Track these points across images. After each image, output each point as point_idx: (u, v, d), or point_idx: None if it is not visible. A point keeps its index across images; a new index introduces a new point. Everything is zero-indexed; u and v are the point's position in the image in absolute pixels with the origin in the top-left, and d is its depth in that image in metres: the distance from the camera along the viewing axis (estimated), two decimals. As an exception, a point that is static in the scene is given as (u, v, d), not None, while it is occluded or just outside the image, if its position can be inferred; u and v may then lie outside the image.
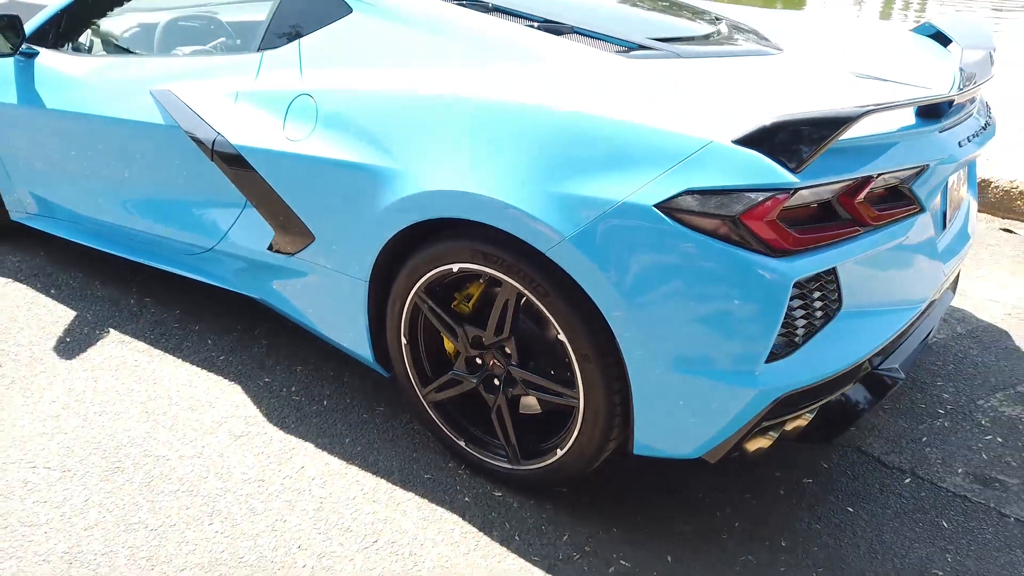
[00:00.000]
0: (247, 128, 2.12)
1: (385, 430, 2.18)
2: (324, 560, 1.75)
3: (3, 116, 2.80)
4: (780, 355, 1.55)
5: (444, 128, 1.77)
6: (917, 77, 1.98)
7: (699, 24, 2.32)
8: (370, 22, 2.10)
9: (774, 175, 1.45)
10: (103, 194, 2.66)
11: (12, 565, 1.71)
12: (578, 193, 1.57)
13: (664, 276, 1.53)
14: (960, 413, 2.28)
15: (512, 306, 1.78)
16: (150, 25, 2.92)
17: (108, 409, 2.23)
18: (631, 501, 1.93)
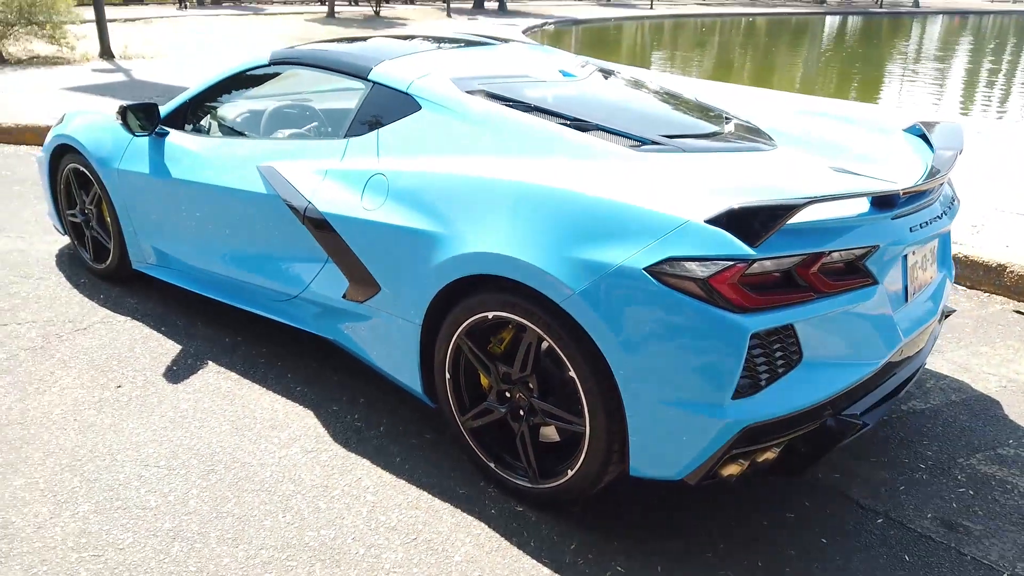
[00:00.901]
0: (332, 198, 2.62)
1: (430, 453, 2.58)
2: (372, 550, 2.15)
3: (136, 182, 3.41)
4: (745, 393, 1.91)
5: (482, 203, 2.23)
6: (888, 171, 2.35)
7: (708, 123, 2.75)
8: (432, 117, 2.61)
9: (736, 248, 1.84)
10: (210, 248, 3.21)
11: (129, 536, 2.17)
12: (586, 257, 1.99)
13: (651, 325, 1.92)
14: (939, 468, 2.54)
15: (534, 348, 2.18)
16: (258, 111, 3.53)
17: (205, 424, 2.70)
18: (631, 520, 2.27)
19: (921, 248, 2.31)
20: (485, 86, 2.70)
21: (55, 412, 2.75)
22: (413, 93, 2.69)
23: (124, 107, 3.25)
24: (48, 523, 2.21)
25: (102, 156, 3.53)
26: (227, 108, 3.48)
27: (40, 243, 4.37)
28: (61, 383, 2.94)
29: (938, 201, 2.36)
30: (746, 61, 21.35)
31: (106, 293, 3.73)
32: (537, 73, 2.95)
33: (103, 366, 3.07)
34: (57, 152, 3.84)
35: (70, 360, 3.11)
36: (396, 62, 2.86)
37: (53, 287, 3.78)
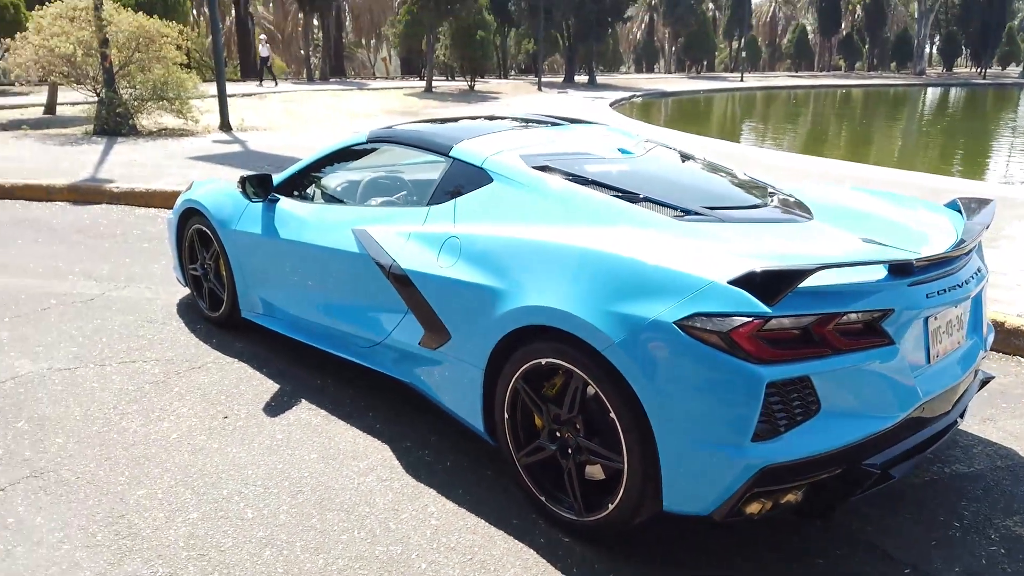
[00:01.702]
0: (413, 257, 3.01)
1: (489, 487, 2.87)
2: (433, 565, 2.44)
3: (249, 241, 3.92)
4: (765, 437, 2.13)
5: (538, 263, 2.57)
6: (916, 242, 2.57)
7: (751, 196, 3.03)
8: (502, 189, 2.98)
9: (754, 306, 2.10)
10: (308, 300, 3.65)
11: (229, 541, 2.53)
12: (625, 311, 2.28)
13: (679, 372, 2.19)
14: (974, 527, 2.65)
15: (580, 391, 2.47)
16: (355, 182, 4.01)
17: (296, 452, 3.08)
18: (667, 557, 2.49)
19: (945, 313, 2.49)
20: (549, 162, 3.06)
21: (172, 436, 3.19)
22: (487, 168, 3.08)
23: (243, 177, 3.79)
24: (164, 526, 2.60)
25: (222, 218, 4.08)
26: (329, 178, 3.98)
27: (165, 293, 4.96)
28: (178, 412, 3.39)
29: (962, 270, 2.54)
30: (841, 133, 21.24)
31: (218, 338, 4.24)
32: (597, 151, 3.31)
33: (213, 399, 3.52)
34: (185, 214, 4.43)
35: (186, 393, 3.57)
36: (474, 141, 3.27)
37: (174, 331, 4.32)
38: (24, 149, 10.31)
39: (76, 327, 4.34)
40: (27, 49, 11.14)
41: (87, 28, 11.23)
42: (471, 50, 31.02)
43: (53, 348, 4.04)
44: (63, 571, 2.37)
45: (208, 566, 2.41)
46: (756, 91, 42.06)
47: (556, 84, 39.47)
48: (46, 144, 10.81)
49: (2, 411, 3.36)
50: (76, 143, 10.92)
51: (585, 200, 2.80)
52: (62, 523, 2.60)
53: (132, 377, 3.72)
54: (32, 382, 3.64)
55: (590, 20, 39.39)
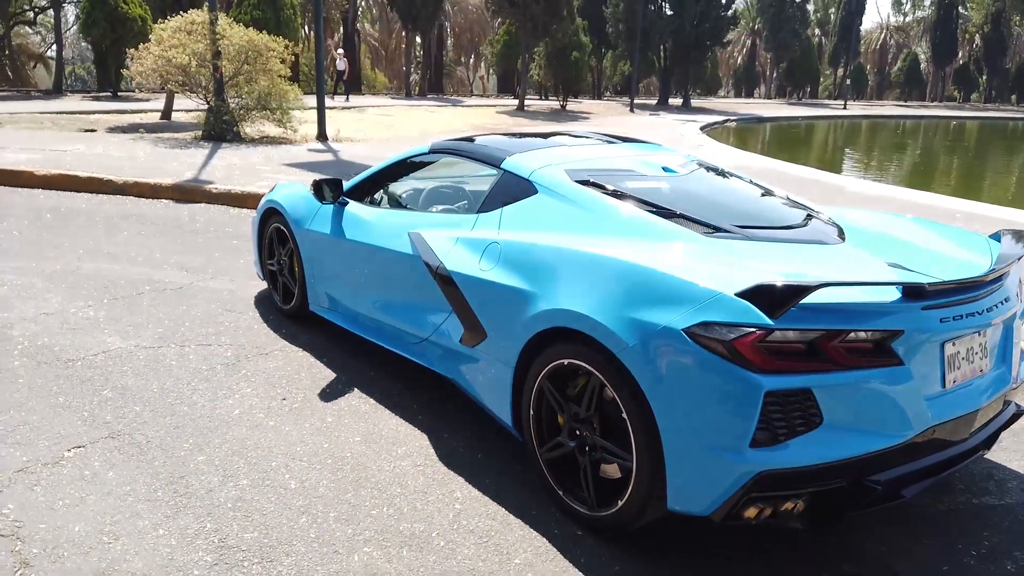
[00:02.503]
0: (458, 260, 3.23)
1: (514, 479, 3.03)
2: (451, 544, 2.62)
3: (318, 240, 4.24)
4: (763, 443, 2.23)
5: (567, 269, 2.73)
6: (944, 270, 2.61)
7: (787, 217, 3.11)
8: (545, 200, 3.17)
9: (757, 317, 2.21)
10: (367, 296, 3.92)
11: (271, 506, 2.79)
12: (640, 317, 2.42)
13: (685, 377, 2.31)
14: (991, 558, 2.64)
15: (597, 392, 2.61)
16: (416, 189, 4.28)
17: (342, 435, 3.33)
18: (675, 559, 2.59)
19: (965, 340, 2.51)
20: (592, 177, 3.23)
21: (235, 412, 3.50)
22: (533, 180, 3.27)
23: (316, 181, 4.10)
24: (216, 489, 2.88)
25: (297, 218, 4.42)
26: (393, 185, 4.25)
27: (246, 286, 5.36)
28: (242, 392, 3.71)
29: (986, 298, 2.55)
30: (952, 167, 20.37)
31: (287, 328, 4.57)
32: (641, 168, 3.45)
33: (275, 383, 3.82)
34: (266, 214, 4.80)
35: (252, 376, 3.89)
36: (524, 155, 3.47)
37: (249, 320, 4.68)
38: (138, 150, 11.18)
39: (164, 311, 4.76)
40: (148, 59, 12.10)
41: (202, 41, 12.10)
42: (565, 71, 31.38)
43: (141, 328, 4.46)
44: (125, 519, 2.67)
45: (250, 525, 2.67)
46: (859, 119, 40.77)
47: (649, 106, 39.39)
48: (157, 146, 11.69)
49: (91, 380, 3.75)
50: (184, 147, 11.76)
51: (619, 214, 2.96)
52: (130, 479, 2.92)
53: (207, 358, 4.08)
54: (120, 357, 4.04)
55: (687, 43, 39.19)
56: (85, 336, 4.30)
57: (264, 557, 2.51)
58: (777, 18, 54.44)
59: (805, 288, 2.18)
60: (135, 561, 2.46)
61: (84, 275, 5.46)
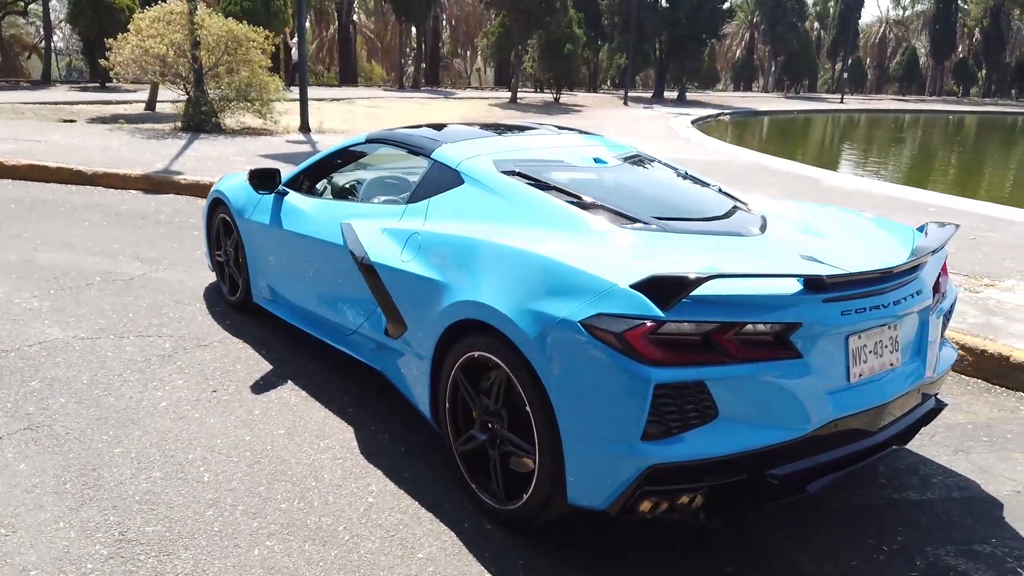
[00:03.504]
0: (382, 251, 3.19)
1: (434, 473, 3.00)
2: (356, 538, 2.59)
3: (258, 230, 4.20)
4: (655, 437, 2.19)
5: (477, 260, 2.70)
6: (860, 263, 2.56)
7: (711, 208, 3.08)
8: (470, 191, 3.13)
9: (649, 309, 2.17)
10: (303, 287, 3.88)
11: (180, 499, 2.76)
12: (541, 309, 2.39)
13: (580, 369, 2.28)
14: (902, 554, 2.61)
15: (504, 384, 2.58)
16: (351, 179, 4.22)
17: (267, 427, 3.30)
18: (581, 553, 2.56)
19: (872, 334, 2.47)
20: (519, 167, 3.19)
21: (161, 404, 3.47)
22: (460, 170, 3.23)
23: (252, 170, 4.06)
24: (127, 481, 2.86)
25: (239, 208, 4.38)
26: (331, 175, 4.21)
27: (198, 277, 5.32)
28: (173, 383, 3.68)
29: (894, 291, 2.51)
30: (939, 162, 20.27)
31: (232, 320, 4.53)
32: (572, 160, 3.41)
33: (209, 375, 3.79)
34: (212, 204, 4.77)
35: (186, 367, 3.86)
36: (455, 145, 3.43)
37: (194, 311, 4.65)
38: (114, 141, 11.13)
39: (110, 302, 4.72)
40: (126, 49, 12.02)
41: (180, 31, 12.03)
42: (559, 63, 31.27)
43: (83, 319, 4.42)
44: (28, 511, 2.64)
45: (154, 518, 2.64)
46: (855, 113, 40.63)
47: (644, 99, 39.27)
48: (134, 137, 11.63)
49: (21, 371, 3.72)
50: (162, 137, 11.70)
51: (539, 204, 2.92)
52: (40, 471, 2.89)
53: (143, 350, 4.04)
54: (55, 348, 4.01)
55: (683, 36, 39.04)
56: (24, 327, 4.27)
57: (162, 551, 2.48)
58: (775, 11, 54.24)
59: (696, 280, 2.14)
60: (29, 554, 2.43)
61: (36, 265, 5.43)
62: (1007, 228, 7.40)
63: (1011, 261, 6.03)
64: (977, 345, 4.10)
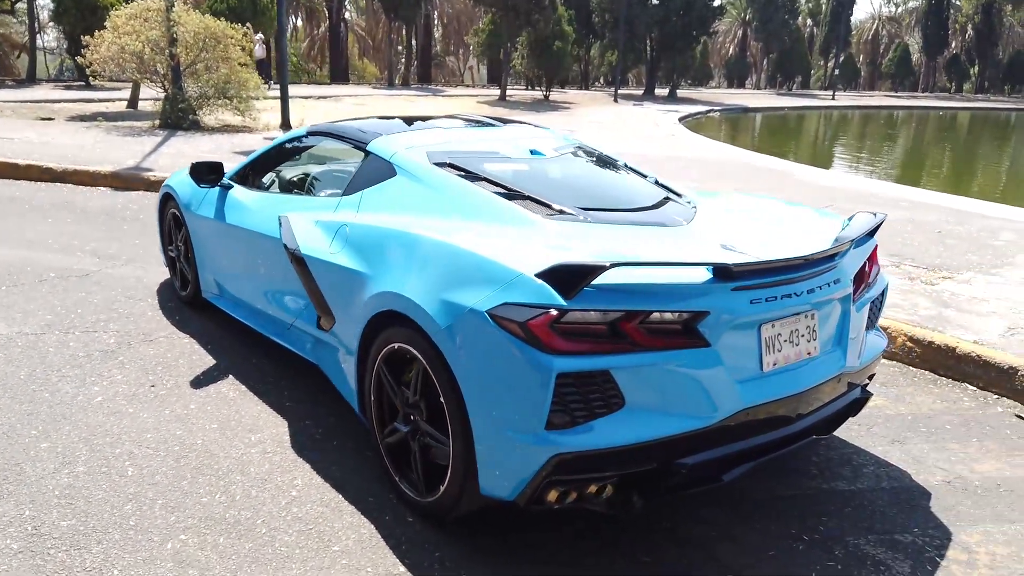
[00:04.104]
0: (313, 242, 3.17)
1: (363, 466, 2.98)
2: (273, 531, 2.57)
3: (204, 224, 4.17)
4: (559, 426, 2.18)
5: (396, 251, 2.68)
6: (778, 252, 2.55)
7: (640, 199, 3.06)
8: (402, 182, 3.11)
9: (552, 298, 2.16)
10: (246, 281, 3.86)
11: (100, 494, 2.73)
12: (452, 299, 2.37)
13: (488, 359, 2.26)
14: (821, 543, 2.60)
15: (422, 376, 2.56)
16: (292, 172, 4.18)
17: (200, 422, 3.28)
18: (499, 543, 2.55)
19: (787, 323, 2.46)
20: (452, 159, 3.17)
21: (96, 399, 3.44)
22: (393, 162, 3.21)
23: (194, 164, 4.04)
24: (49, 476, 2.83)
25: (187, 203, 4.36)
26: (274, 169, 4.18)
27: (155, 273, 5.29)
28: (112, 378, 3.65)
29: (808, 280, 2.49)
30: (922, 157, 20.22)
31: (182, 315, 4.51)
32: (508, 151, 3.39)
33: (150, 370, 3.77)
34: (163, 199, 4.74)
35: (128, 363, 3.84)
36: (390, 137, 3.41)
37: (145, 307, 4.62)
38: (89, 138, 11.07)
39: (61, 298, 4.69)
40: (103, 46, 11.96)
41: (157, 28, 11.97)
42: (548, 60, 31.20)
43: (31, 315, 4.39)
44: (-57, 505, 2.62)
45: (70, 513, 2.62)
46: (845, 110, 40.65)
47: (635, 97, 39.24)
48: (110, 135, 11.57)
49: (-41, 366, 3.70)
50: (138, 135, 11.64)
51: (466, 195, 2.91)
52: (-38, 465, 2.87)
53: (87, 345, 4.02)
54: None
55: (673, 33, 39.01)
56: (-31, 323, 4.25)
57: (73, 545, 2.46)
58: (767, 8, 54.29)
59: (598, 267, 2.12)
60: (-64, 549, 2.41)
61: (-8, 262, 5.40)
62: (974, 222, 7.40)
63: (973, 255, 6.02)
64: (925, 337, 4.09)
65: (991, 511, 2.81)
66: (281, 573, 2.38)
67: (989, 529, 2.70)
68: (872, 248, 2.94)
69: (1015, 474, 3.07)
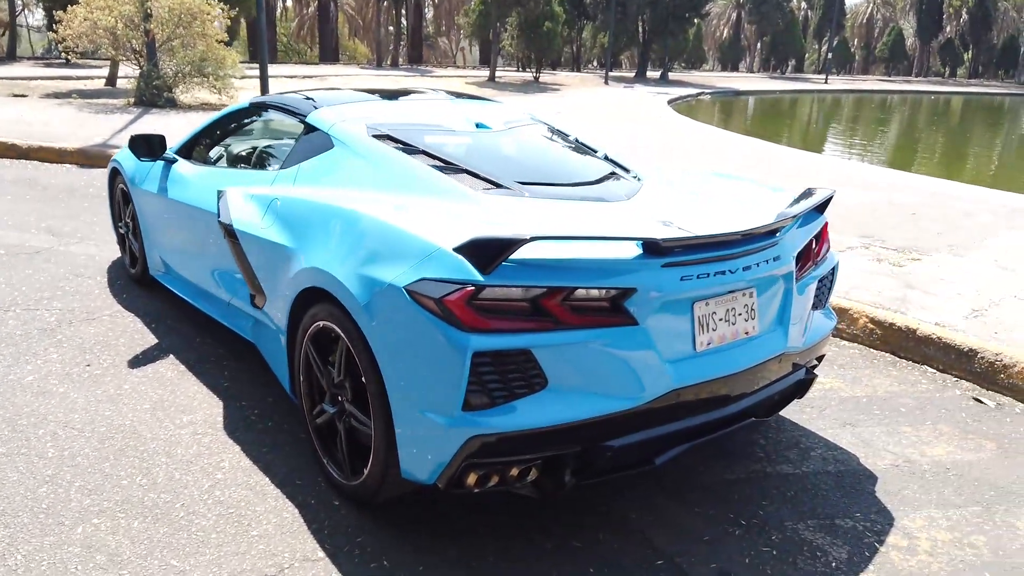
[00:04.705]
0: (245, 217, 3.05)
1: (295, 448, 2.89)
2: (191, 515, 2.48)
3: (148, 200, 4.05)
4: (477, 406, 2.08)
5: (320, 225, 2.57)
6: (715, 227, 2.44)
7: (583, 174, 2.96)
8: (339, 154, 2.99)
9: (468, 273, 2.05)
10: (188, 257, 3.74)
11: (16, 476, 2.63)
12: (372, 275, 2.27)
13: (405, 337, 2.16)
14: (759, 527, 2.52)
15: (346, 355, 2.46)
16: (235, 145, 4.04)
17: (132, 402, 3.17)
18: (417, 531, 2.46)
19: (722, 301, 2.37)
20: (392, 131, 3.05)
21: (28, 378, 3.33)
22: (331, 134, 3.09)
23: (134, 136, 3.90)
24: (-34, 457, 2.73)
25: (132, 177, 4.23)
26: (218, 142, 4.05)
27: (108, 251, 5.16)
28: (47, 357, 3.54)
29: (746, 256, 2.39)
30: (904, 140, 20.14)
31: (130, 293, 4.39)
32: (452, 124, 3.27)
33: (88, 349, 3.66)
34: (112, 174, 4.61)
35: (65, 341, 3.72)
36: (330, 108, 3.28)
37: (92, 285, 4.50)
38: (60, 115, 10.88)
39: (5, 276, 4.57)
40: (75, 22, 11.73)
41: (131, 3, 11.74)
42: (537, 41, 30.92)
43: (-28, 293, 4.27)
44: None
45: (-18, 496, 2.52)
46: (837, 94, 40.52)
47: (627, 79, 38.99)
48: (82, 112, 11.37)
49: None
50: (110, 112, 11.45)
51: (399, 168, 2.80)
52: None
53: (25, 323, 3.90)
54: (-67, 321, 3.87)
55: (665, 15, 38.74)
56: (-93, 300, 4.12)
57: (-22, 528, 2.36)
58: (760, -10, 53.88)
59: (516, 241, 2.02)
60: None
61: (-59, 239, 5.26)
62: (951, 204, 7.32)
63: (946, 236, 5.94)
64: (886, 319, 4.01)
65: (937, 495, 2.74)
66: (194, 559, 2.29)
67: (933, 514, 2.63)
68: (821, 226, 2.85)
69: (965, 458, 3.00)
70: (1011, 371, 3.54)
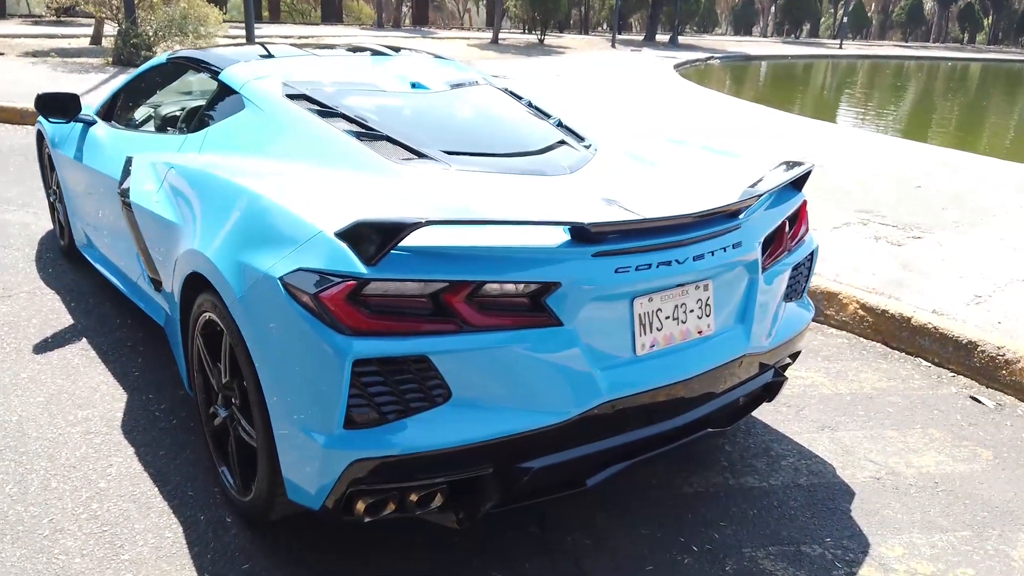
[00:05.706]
0: (141, 188, 2.69)
1: (195, 453, 2.55)
2: (57, 533, 2.15)
3: (68, 166, 3.68)
4: (363, 424, 1.73)
5: (212, 202, 2.21)
6: (666, 209, 2.07)
7: (525, 143, 2.58)
8: (250, 117, 2.61)
9: (350, 264, 1.69)
10: (102, 229, 3.38)
11: None
12: (249, 261, 1.90)
13: (281, 339, 1.80)
14: (712, 555, 2.18)
15: (229, 353, 2.11)
16: (149, 106, 3.62)
17: (26, 394, 2.84)
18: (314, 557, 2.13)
19: (669, 296, 2.00)
20: (311, 91, 2.66)
21: (-84, 365, 3.01)
22: (243, 93, 2.71)
23: (41, 95, 3.51)
24: None
25: (54, 140, 3.85)
26: (135, 103, 3.65)
27: (45, 219, 4.80)
28: (-56, 341, 3.21)
29: (698, 244, 2.01)
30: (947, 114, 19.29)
31: (56, 268, 4.05)
32: (385, 84, 2.87)
33: (-6, 331, 3.33)
34: (39, 136, 4.23)
35: (-29, 322, 3.39)
36: (246, 65, 2.89)
37: (18, 258, 4.16)
38: (31, 74, 10.46)
39: (-74, 247, 4.23)
40: (51, -24, 11.27)
41: (108, -44, 11.26)
42: (543, 3, 30.06)
43: None
44: None
45: None
46: (853, 59, 39.43)
47: (635, 42, 38.05)
48: (56, 71, 10.94)
49: None
50: (85, 72, 11.01)
51: (310, 134, 2.42)
52: None
53: (-68, 301, 3.57)
54: None
55: (676, -24, 37.63)
56: None
57: None
58: (774, -49, 52.29)
59: (407, 226, 1.65)
60: None
61: None
62: (958, 176, 6.87)
63: (951, 211, 5.52)
64: (878, 305, 3.63)
65: (921, 516, 2.39)
66: (46, 589, 1.97)
67: (915, 540, 2.28)
68: (798, 205, 2.46)
69: (956, 469, 2.64)
70: (1015, 367, 3.16)
